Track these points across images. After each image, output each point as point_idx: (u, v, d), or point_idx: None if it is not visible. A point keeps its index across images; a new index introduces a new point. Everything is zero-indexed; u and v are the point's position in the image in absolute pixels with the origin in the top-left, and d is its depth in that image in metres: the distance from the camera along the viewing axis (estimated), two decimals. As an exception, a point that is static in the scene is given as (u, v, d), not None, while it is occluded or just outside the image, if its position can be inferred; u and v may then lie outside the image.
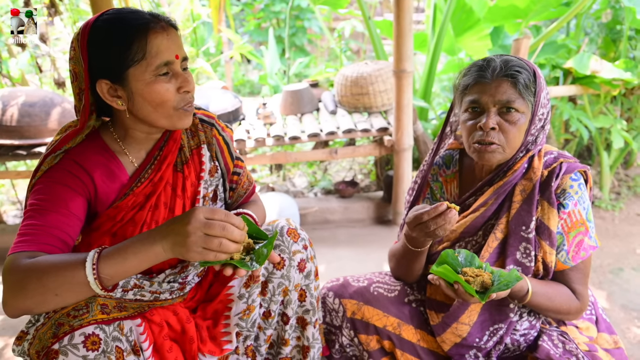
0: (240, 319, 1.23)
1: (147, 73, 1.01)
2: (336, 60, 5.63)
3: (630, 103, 3.01)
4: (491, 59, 1.16)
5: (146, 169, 1.16)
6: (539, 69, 1.19)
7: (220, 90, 3.01)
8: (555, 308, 1.18)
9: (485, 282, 1.04)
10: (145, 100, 1.04)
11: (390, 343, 1.33)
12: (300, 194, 3.34)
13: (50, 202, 1.03)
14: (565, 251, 1.17)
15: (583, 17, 3.18)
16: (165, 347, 1.12)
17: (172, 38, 1.04)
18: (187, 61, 1.09)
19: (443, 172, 1.36)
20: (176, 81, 1.05)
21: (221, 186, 1.30)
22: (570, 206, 1.16)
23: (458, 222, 1.26)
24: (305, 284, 1.26)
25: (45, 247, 0.98)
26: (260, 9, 5.97)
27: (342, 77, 2.96)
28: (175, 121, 1.09)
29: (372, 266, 2.50)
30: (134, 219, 1.14)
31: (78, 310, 0.96)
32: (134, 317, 1.07)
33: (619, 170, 3.33)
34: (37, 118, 2.47)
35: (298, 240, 1.25)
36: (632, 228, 2.79)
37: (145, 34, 1.01)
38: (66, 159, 1.09)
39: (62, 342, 0.92)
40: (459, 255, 1.12)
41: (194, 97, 1.12)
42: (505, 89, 1.12)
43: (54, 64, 3.18)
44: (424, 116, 3.44)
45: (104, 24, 1.02)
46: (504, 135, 1.14)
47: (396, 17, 2.44)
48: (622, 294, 2.19)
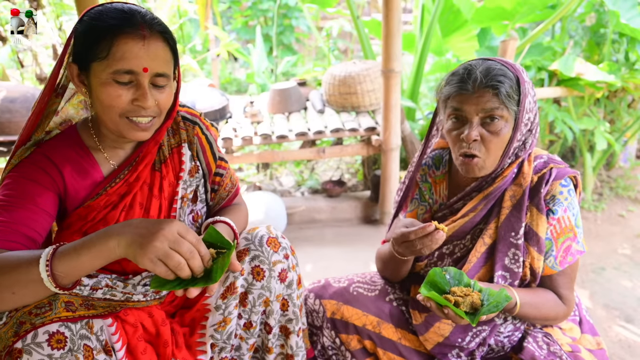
0: (215, 330, 1.19)
1: (104, 73, 0.98)
2: (324, 59, 5.63)
3: (613, 105, 3.06)
4: (472, 69, 1.13)
5: (123, 171, 1.13)
6: (525, 72, 1.18)
7: (207, 88, 2.98)
8: (543, 316, 1.19)
9: (474, 302, 1.04)
10: (97, 98, 1.01)
11: (372, 343, 1.32)
12: (287, 193, 3.32)
13: (17, 198, 1.00)
14: (553, 256, 1.18)
15: (568, 20, 3.23)
16: (139, 348, 1.09)
17: (148, 50, 0.98)
18: (163, 78, 1.02)
19: (432, 172, 1.36)
20: (135, 92, 1.00)
21: (202, 187, 1.27)
22: (560, 212, 1.17)
23: (447, 226, 1.25)
24: (287, 294, 1.23)
25: (9, 245, 0.96)
26: (248, 7, 5.93)
27: (330, 76, 2.96)
28: (122, 130, 1.03)
29: (359, 265, 2.50)
30: (105, 219, 1.11)
31: (40, 308, 0.94)
32: (105, 316, 1.03)
33: (601, 171, 3.39)
34: (18, 114, 2.42)
35: (279, 249, 1.21)
36: (613, 228, 2.84)
37: (115, 36, 0.97)
38: (37, 152, 1.07)
39: (25, 340, 0.90)
40: (446, 273, 1.12)
41: (158, 111, 1.05)
42: (488, 99, 1.11)
43: (36, 58, 3.11)
44: (412, 116, 3.46)
45: (93, 13, 1.01)
46: (486, 146, 1.14)
47: (385, 17, 2.44)
48: (604, 294, 2.23)
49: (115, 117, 1.02)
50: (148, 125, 1.05)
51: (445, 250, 1.28)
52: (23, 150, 1.07)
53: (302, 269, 2.49)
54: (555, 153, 3.25)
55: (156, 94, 1.04)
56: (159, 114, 1.07)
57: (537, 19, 3.23)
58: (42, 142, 1.09)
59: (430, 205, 1.35)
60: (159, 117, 1.08)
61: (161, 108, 1.06)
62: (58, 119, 1.14)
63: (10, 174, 1.04)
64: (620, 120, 3.12)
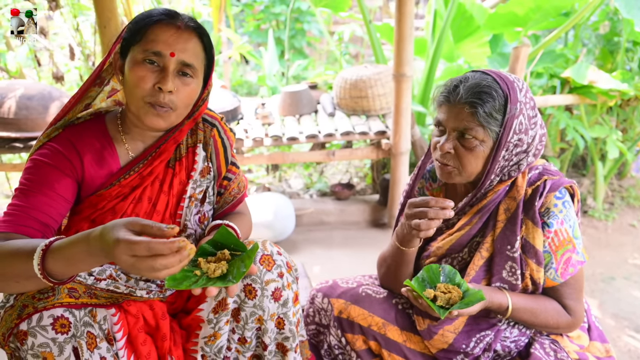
0: (205, 343, 1.18)
1: (137, 52, 1.05)
2: (335, 63, 5.64)
3: (626, 114, 3.04)
4: (460, 82, 1.12)
5: (138, 164, 1.15)
6: (523, 91, 1.13)
7: (219, 89, 3.01)
8: (541, 323, 1.18)
9: (452, 299, 1.10)
10: (127, 81, 1.07)
11: (377, 344, 1.33)
12: (296, 195, 3.34)
13: (36, 183, 1.04)
14: (554, 269, 1.17)
15: (581, 28, 3.22)
16: (139, 339, 1.10)
17: (180, 38, 1.05)
18: (188, 68, 1.07)
19: (429, 185, 1.37)
20: (159, 75, 1.04)
21: (212, 189, 1.27)
22: (556, 225, 1.16)
23: (444, 240, 1.27)
24: (283, 312, 1.19)
25: (22, 229, 0.98)
26: (261, 10, 5.97)
27: (341, 80, 2.97)
28: (142, 114, 1.07)
29: (367, 268, 2.50)
30: (114, 209, 1.14)
31: (43, 293, 0.96)
32: (108, 306, 1.05)
33: (612, 180, 3.36)
34: (35, 111, 2.46)
35: (273, 268, 1.16)
36: (624, 238, 2.82)
37: (152, 24, 1.06)
38: (62, 137, 1.11)
39: (30, 322, 0.91)
40: (442, 270, 1.17)
41: (176, 103, 1.07)
42: (464, 117, 1.10)
43: (53, 58, 3.17)
44: (422, 121, 3.46)
45: (143, 12, 1.10)
46: (460, 160, 1.14)
47: (397, 21, 2.45)
48: (614, 303, 2.21)
49: (139, 100, 1.06)
50: (164, 112, 1.08)
51: (444, 264, 1.29)
52: (53, 129, 1.12)
53: (310, 271, 2.50)
54: (567, 161, 3.23)
55: (179, 84, 1.07)
56: (176, 107, 1.09)
57: (550, 26, 3.22)
58: (70, 125, 1.14)
59: None
60: (175, 112, 1.10)
61: (179, 102, 1.08)
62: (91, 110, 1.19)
63: (33, 157, 1.08)
64: (633, 129, 3.10)
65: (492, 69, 1.19)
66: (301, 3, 5.64)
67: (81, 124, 1.14)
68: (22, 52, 3.23)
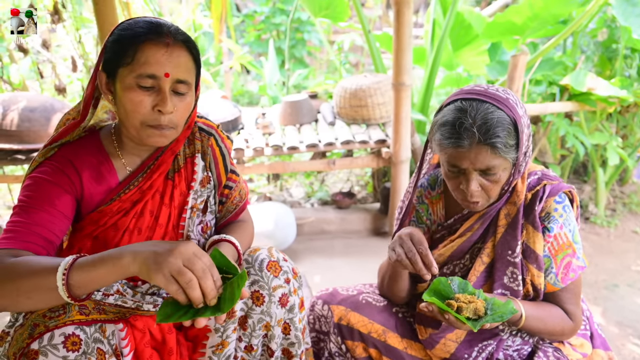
0: (213, 352, 1.19)
1: (128, 77, 1.02)
2: (335, 72, 5.68)
3: (626, 120, 3.04)
4: (466, 120, 1.06)
5: (137, 177, 1.15)
6: (519, 104, 1.12)
7: (220, 100, 3.03)
8: (549, 330, 1.18)
9: (478, 309, 1.04)
10: (121, 103, 1.04)
11: (377, 352, 1.32)
12: (297, 204, 3.34)
13: (37, 200, 1.03)
14: (554, 273, 1.17)
15: (579, 35, 3.23)
16: (145, 354, 1.10)
17: (171, 56, 1.02)
18: (184, 85, 1.06)
19: (428, 193, 1.36)
20: (156, 98, 1.03)
21: (213, 198, 1.27)
22: (556, 229, 1.16)
23: (445, 247, 1.27)
24: (289, 318, 1.21)
25: (27, 245, 0.98)
26: (261, 21, 6.02)
27: (341, 89, 2.99)
28: (143, 137, 1.06)
29: (368, 277, 2.49)
30: (116, 224, 1.14)
31: (54, 311, 0.96)
32: (116, 321, 1.05)
33: (614, 187, 3.35)
34: (37, 123, 2.48)
35: (279, 274, 1.18)
36: (627, 245, 2.81)
37: (141, 42, 1.01)
38: (59, 155, 1.10)
39: (41, 341, 0.91)
40: (452, 282, 1.12)
41: (176, 122, 1.07)
42: (485, 157, 1.07)
43: (55, 70, 3.19)
44: (422, 129, 3.47)
45: (123, 25, 1.06)
46: (487, 193, 1.14)
47: (396, 31, 2.47)
48: (617, 311, 2.19)
49: (137, 123, 1.05)
50: (167, 132, 1.08)
51: (445, 270, 1.29)
52: (48, 149, 1.11)
53: (311, 280, 2.49)
54: (568, 168, 3.23)
55: (176, 101, 1.06)
56: (177, 125, 1.09)
57: (548, 34, 3.24)
58: (66, 143, 1.13)
59: (429, 227, 1.36)
60: (175, 130, 1.10)
61: (178, 119, 1.08)
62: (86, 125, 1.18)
63: (32, 175, 1.08)
64: (634, 136, 3.10)
65: (480, 88, 1.13)
66: (301, 13, 5.69)
67: (76, 142, 1.14)
68: (25, 65, 3.26)
